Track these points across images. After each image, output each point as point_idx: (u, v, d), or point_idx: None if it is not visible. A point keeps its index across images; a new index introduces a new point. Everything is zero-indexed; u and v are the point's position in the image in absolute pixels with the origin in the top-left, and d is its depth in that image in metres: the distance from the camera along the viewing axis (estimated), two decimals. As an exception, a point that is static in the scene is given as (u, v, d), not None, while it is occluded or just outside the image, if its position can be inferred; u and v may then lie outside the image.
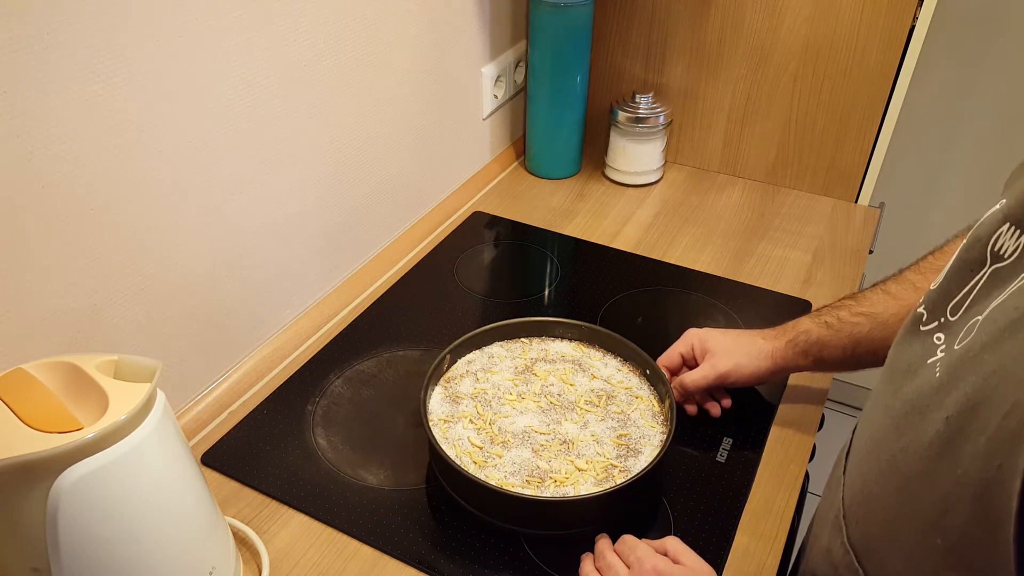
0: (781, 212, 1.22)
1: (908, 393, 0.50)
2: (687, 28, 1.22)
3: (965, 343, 0.46)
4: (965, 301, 0.49)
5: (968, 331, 0.46)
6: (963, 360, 0.45)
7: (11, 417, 0.51)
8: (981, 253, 0.49)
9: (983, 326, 0.45)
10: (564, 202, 1.24)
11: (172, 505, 0.57)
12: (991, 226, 0.50)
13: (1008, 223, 0.48)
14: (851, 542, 0.55)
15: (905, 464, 0.48)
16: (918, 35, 1.08)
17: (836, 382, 0.92)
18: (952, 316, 0.50)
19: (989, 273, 0.48)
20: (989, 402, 0.41)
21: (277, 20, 0.78)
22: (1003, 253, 0.48)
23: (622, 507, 0.73)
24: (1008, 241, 0.48)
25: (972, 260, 0.50)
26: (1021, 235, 0.47)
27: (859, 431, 0.60)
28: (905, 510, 0.48)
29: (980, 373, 0.42)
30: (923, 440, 0.46)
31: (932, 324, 0.52)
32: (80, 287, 0.67)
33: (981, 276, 0.49)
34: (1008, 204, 0.49)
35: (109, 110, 0.64)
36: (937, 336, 0.50)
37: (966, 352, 0.45)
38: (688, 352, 0.84)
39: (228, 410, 0.86)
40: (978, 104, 1.56)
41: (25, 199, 0.60)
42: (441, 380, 0.81)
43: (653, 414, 0.78)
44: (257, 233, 0.85)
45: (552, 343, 0.86)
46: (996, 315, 0.44)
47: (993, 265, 0.48)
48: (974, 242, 0.51)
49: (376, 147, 1.00)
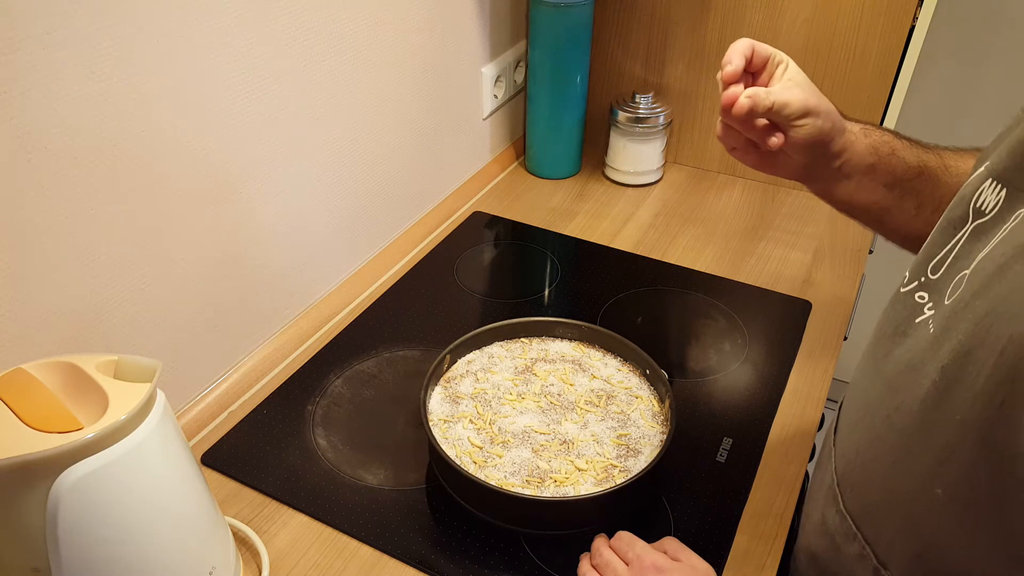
0: (781, 212, 1.22)
1: (900, 354, 0.50)
2: (687, 28, 1.22)
3: (955, 296, 0.46)
4: (948, 258, 0.49)
5: (957, 285, 0.46)
6: (954, 312, 0.45)
7: (11, 417, 0.51)
8: (964, 211, 0.50)
9: (971, 277, 0.45)
10: (564, 202, 1.24)
11: (172, 505, 0.57)
12: (974, 185, 0.50)
13: (991, 178, 0.49)
14: (847, 509, 0.55)
15: (900, 422, 0.48)
16: (918, 35, 1.08)
17: (836, 382, 0.92)
18: (933, 275, 0.50)
19: (972, 229, 0.49)
20: (983, 344, 0.41)
21: (278, 20, 0.78)
22: (984, 208, 0.48)
23: (622, 507, 0.73)
24: (990, 196, 0.48)
25: (956, 219, 0.50)
26: (1002, 189, 0.47)
27: (847, 403, 0.60)
28: (902, 467, 0.48)
29: (971, 319, 0.43)
30: (918, 394, 0.46)
31: (912, 284, 0.52)
32: (80, 287, 0.67)
33: (963, 233, 0.49)
34: (991, 162, 0.50)
35: (109, 110, 0.64)
36: (919, 295, 0.50)
37: (956, 304, 0.45)
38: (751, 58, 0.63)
39: (228, 410, 0.86)
40: (978, 104, 1.56)
41: (25, 199, 0.60)
42: (441, 380, 0.81)
43: (653, 414, 0.78)
44: (257, 233, 0.85)
45: (552, 343, 0.86)
46: (984, 264, 0.45)
47: (975, 221, 0.49)
48: (959, 201, 0.51)
49: (376, 147, 1.00)
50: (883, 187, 0.66)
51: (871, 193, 0.67)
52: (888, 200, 0.67)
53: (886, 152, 0.66)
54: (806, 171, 0.67)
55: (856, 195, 0.67)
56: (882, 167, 0.66)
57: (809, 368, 0.92)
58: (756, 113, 0.60)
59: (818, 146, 0.63)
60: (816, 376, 0.91)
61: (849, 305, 1.02)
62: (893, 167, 0.66)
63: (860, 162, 0.66)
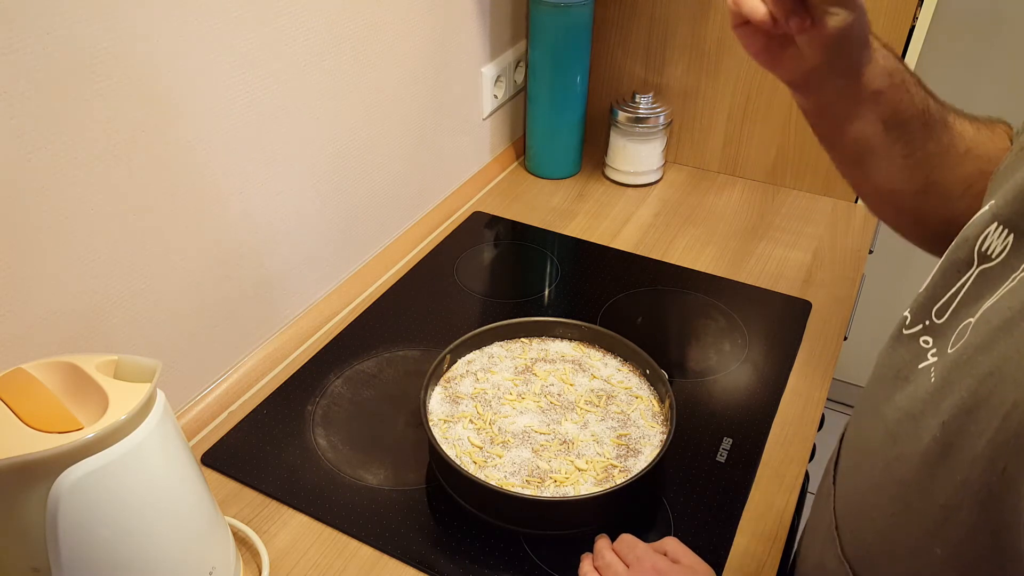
0: (781, 212, 1.22)
1: (901, 400, 0.48)
2: (687, 28, 1.22)
3: (958, 346, 0.45)
4: (952, 303, 0.48)
5: (960, 334, 0.45)
6: (957, 364, 0.44)
7: (11, 417, 0.51)
8: (968, 254, 0.48)
9: (976, 328, 0.44)
10: (564, 202, 1.24)
11: (172, 505, 0.57)
12: (979, 227, 0.48)
13: (996, 222, 0.47)
14: (845, 554, 0.54)
15: (900, 472, 0.47)
16: (918, 35, 1.08)
17: (836, 382, 0.92)
18: (938, 319, 0.48)
19: (977, 274, 0.47)
20: (987, 404, 0.40)
21: (277, 20, 0.78)
22: (991, 253, 0.46)
23: (622, 507, 0.73)
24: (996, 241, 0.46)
25: (959, 261, 0.49)
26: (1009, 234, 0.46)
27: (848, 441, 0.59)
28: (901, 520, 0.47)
29: (975, 376, 0.41)
30: (918, 447, 0.45)
31: (916, 327, 0.50)
32: (80, 287, 0.67)
33: (968, 277, 0.48)
34: (996, 204, 0.48)
35: (108, 110, 0.64)
36: (924, 339, 0.49)
37: (960, 355, 0.44)
38: None
39: (228, 410, 0.86)
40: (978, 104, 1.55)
41: (25, 199, 0.60)
42: (441, 380, 0.81)
43: (653, 414, 0.78)
44: (257, 233, 0.85)
45: (552, 343, 0.86)
46: (989, 316, 0.43)
47: (981, 266, 0.47)
48: (962, 243, 0.49)
49: (376, 147, 1.00)
50: (880, 123, 0.60)
51: (866, 126, 0.61)
52: (879, 139, 0.61)
53: (898, 81, 0.59)
54: (809, 77, 0.60)
55: (849, 123, 0.61)
56: (888, 97, 0.59)
57: (809, 368, 0.92)
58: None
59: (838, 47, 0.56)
60: (816, 376, 0.90)
61: (849, 305, 1.02)
62: (898, 101, 0.59)
63: (868, 84, 0.59)
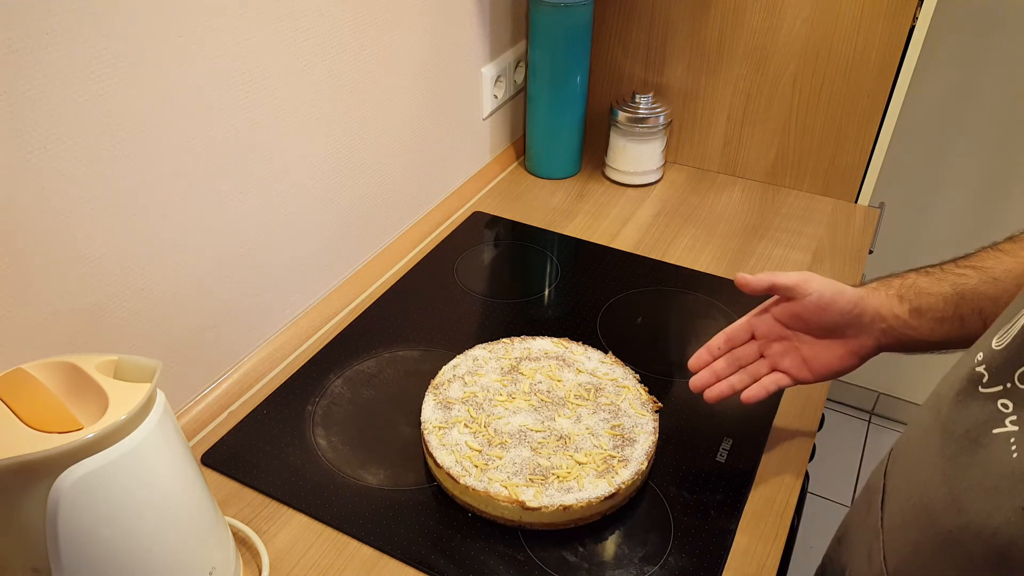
0: (781, 212, 1.22)
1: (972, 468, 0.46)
2: (687, 28, 1.22)
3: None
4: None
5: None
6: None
7: (11, 417, 0.51)
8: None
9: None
10: (564, 202, 1.24)
11: (172, 505, 0.57)
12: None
13: None
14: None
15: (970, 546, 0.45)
16: (918, 35, 1.08)
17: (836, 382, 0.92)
18: (1021, 384, 0.45)
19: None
20: None
21: (278, 20, 0.78)
22: None
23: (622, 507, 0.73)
24: None
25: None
26: None
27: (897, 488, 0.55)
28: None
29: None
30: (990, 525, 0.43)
31: (995, 388, 0.47)
32: (80, 287, 0.67)
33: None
34: None
35: (108, 110, 0.64)
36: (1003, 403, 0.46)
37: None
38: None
39: (228, 410, 0.86)
40: (978, 104, 1.56)
41: (24, 199, 0.60)
42: (430, 387, 0.81)
43: (642, 402, 0.78)
44: (257, 233, 0.85)
45: (533, 340, 0.87)
46: None
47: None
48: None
49: (376, 147, 1.00)
50: (936, 322, 0.66)
51: (933, 331, 0.66)
52: (954, 329, 0.65)
53: (912, 297, 0.67)
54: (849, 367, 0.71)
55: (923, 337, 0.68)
56: (916, 313, 0.67)
57: (809, 368, 0.92)
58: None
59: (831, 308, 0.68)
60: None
61: (849, 305, 1.02)
62: (924, 309, 0.66)
63: (891, 312, 0.67)
